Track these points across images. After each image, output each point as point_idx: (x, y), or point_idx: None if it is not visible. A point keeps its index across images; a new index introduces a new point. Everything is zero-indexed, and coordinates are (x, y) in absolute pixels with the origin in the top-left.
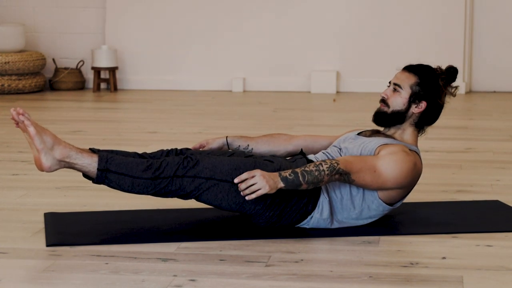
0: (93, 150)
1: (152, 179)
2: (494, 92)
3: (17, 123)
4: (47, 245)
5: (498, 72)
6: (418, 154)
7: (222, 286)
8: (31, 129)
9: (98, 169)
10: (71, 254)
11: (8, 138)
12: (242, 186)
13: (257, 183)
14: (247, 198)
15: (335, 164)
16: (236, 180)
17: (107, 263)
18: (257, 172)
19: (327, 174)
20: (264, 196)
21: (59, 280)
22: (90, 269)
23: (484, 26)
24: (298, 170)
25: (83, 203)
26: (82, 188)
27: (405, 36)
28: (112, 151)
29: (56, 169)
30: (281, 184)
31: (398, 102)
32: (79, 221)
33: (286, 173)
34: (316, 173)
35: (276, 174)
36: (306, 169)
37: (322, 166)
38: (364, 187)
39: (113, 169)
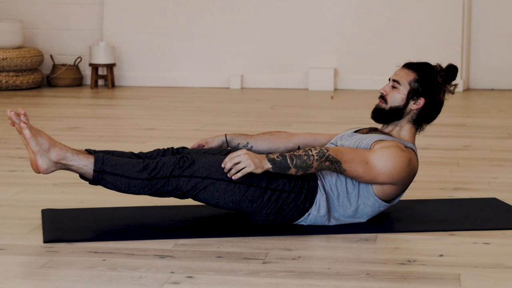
0: (89, 151)
1: (148, 180)
2: (492, 89)
3: (13, 123)
4: (44, 242)
5: (496, 70)
6: (414, 151)
7: (219, 283)
8: (26, 132)
9: (94, 170)
10: (68, 251)
11: (6, 134)
12: (227, 165)
13: (242, 162)
14: (233, 177)
15: (325, 151)
16: (222, 165)
17: (104, 260)
18: (242, 151)
19: (316, 159)
20: (261, 194)
21: (56, 276)
22: (87, 266)
23: (482, 23)
24: (287, 153)
25: (80, 199)
26: (79, 185)
27: (403, 34)
28: (108, 152)
29: (52, 171)
30: (268, 165)
31: (396, 98)
32: (77, 217)
33: (274, 155)
34: (305, 157)
35: (264, 155)
36: (295, 153)
37: (311, 151)
38: (356, 178)
39: (109, 170)
